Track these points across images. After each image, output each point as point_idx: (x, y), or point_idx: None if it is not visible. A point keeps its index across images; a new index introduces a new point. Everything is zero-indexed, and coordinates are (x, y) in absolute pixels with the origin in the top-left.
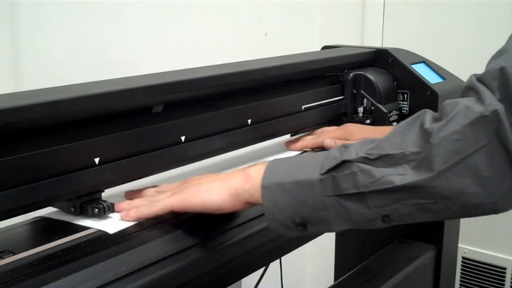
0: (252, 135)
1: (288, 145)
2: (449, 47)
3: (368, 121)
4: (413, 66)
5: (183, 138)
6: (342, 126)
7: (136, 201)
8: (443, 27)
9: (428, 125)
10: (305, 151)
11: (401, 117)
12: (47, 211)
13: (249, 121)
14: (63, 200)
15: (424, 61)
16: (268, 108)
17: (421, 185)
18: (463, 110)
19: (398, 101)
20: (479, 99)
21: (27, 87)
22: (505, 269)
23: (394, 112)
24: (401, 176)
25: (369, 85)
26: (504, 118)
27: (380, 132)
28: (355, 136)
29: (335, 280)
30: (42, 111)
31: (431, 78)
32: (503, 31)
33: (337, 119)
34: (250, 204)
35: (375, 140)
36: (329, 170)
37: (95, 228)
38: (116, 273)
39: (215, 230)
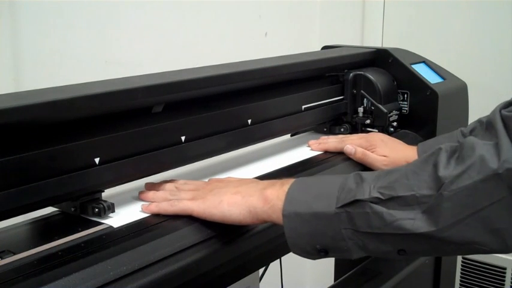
0: (252, 135)
1: (310, 144)
2: (449, 47)
3: (368, 121)
4: (413, 66)
5: (183, 138)
6: (366, 136)
7: (160, 193)
8: (443, 28)
9: (442, 170)
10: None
11: (401, 117)
12: (47, 211)
13: (249, 121)
14: (64, 200)
15: (424, 61)
16: (268, 108)
17: (433, 235)
18: (477, 163)
19: (398, 101)
20: (497, 146)
21: (27, 87)
22: (505, 269)
23: (394, 112)
24: (411, 221)
25: (369, 85)
26: None
27: (401, 152)
28: (378, 151)
29: (335, 280)
30: (42, 111)
31: (431, 78)
32: (503, 31)
33: (337, 119)
34: (268, 222)
35: (390, 175)
36: (344, 205)
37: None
38: (116, 273)
39: (215, 230)
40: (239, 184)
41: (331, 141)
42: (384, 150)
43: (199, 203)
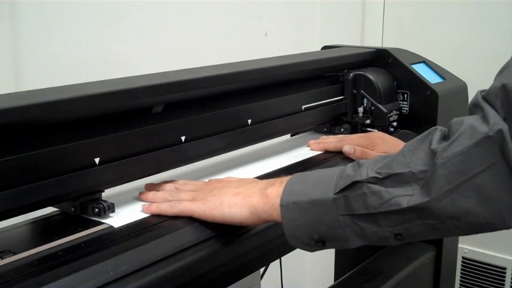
0: (252, 135)
1: (310, 144)
2: (449, 47)
3: (368, 121)
4: (413, 66)
5: (183, 138)
6: (366, 135)
7: (160, 194)
8: (443, 28)
9: (435, 144)
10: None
11: (401, 117)
12: (47, 211)
13: (249, 121)
14: (64, 200)
15: (424, 61)
16: (268, 108)
17: (427, 206)
18: (467, 130)
19: (398, 101)
20: (484, 117)
21: (27, 87)
22: (505, 269)
23: (394, 112)
24: (408, 197)
25: (369, 85)
26: (508, 137)
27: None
28: (378, 149)
29: (335, 280)
30: (42, 111)
31: (431, 78)
32: (503, 31)
33: (337, 119)
34: (270, 221)
35: (387, 157)
36: (342, 190)
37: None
38: (116, 273)
39: (215, 230)
40: (239, 185)
41: (331, 141)
42: (384, 147)
43: (200, 204)
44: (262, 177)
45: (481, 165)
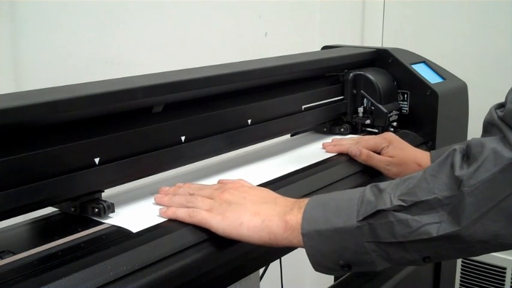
0: (252, 135)
1: (325, 146)
2: (449, 47)
3: (368, 121)
4: (413, 66)
5: (183, 138)
6: (383, 134)
7: (177, 199)
8: (443, 27)
9: (458, 170)
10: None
11: (401, 117)
12: (47, 211)
13: (249, 121)
14: (64, 200)
15: (424, 61)
16: (268, 108)
17: (458, 234)
18: (491, 155)
19: (398, 101)
20: (505, 140)
21: (27, 87)
22: (505, 269)
23: (394, 112)
24: (437, 224)
25: (369, 85)
26: None
27: (412, 151)
28: (389, 151)
29: (335, 280)
30: (42, 111)
31: (431, 78)
32: (503, 31)
33: (337, 119)
34: (289, 247)
35: (407, 182)
36: (365, 218)
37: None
38: (116, 273)
39: None
40: (256, 201)
41: (345, 143)
42: (394, 150)
43: (219, 220)
44: (275, 181)
45: (508, 189)
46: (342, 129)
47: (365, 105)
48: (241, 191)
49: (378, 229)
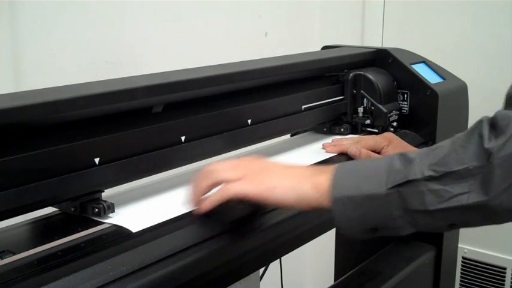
0: (252, 135)
1: (325, 147)
2: (449, 47)
3: (368, 121)
4: (413, 66)
5: (183, 138)
6: (383, 134)
7: (199, 178)
8: (443, 27)
9: (487, 142)
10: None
11: (401, 117)
12: (47, 211)
13: (249, 121)
14: (64, 200)
15: (424, 61)
16: (268, 108)
17: (486, 204)
18: None
19: (398, 101)
20: None
21: (27, 87)
22: (505, 269)
23: (394, 112)
24: (467, 194)
25: (369, 85)
26: None
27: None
28: (389, 150)
29: (335, 280)
30: (42, 111)
31: (431, 78)
32: (503, 31)
33: (337, 119)
34: (318, 208)
35: (436, 152)
36: (395, 186)
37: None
38: (115, 273)
39: (215, 230)
40: (283, 166)
41: (345, 144)
42: (394, 150)
43: (253, 186)
44: None
45: None
46: (342, 129)
47: (365, 105)
48: (263, 160)
49: (408, 197)
